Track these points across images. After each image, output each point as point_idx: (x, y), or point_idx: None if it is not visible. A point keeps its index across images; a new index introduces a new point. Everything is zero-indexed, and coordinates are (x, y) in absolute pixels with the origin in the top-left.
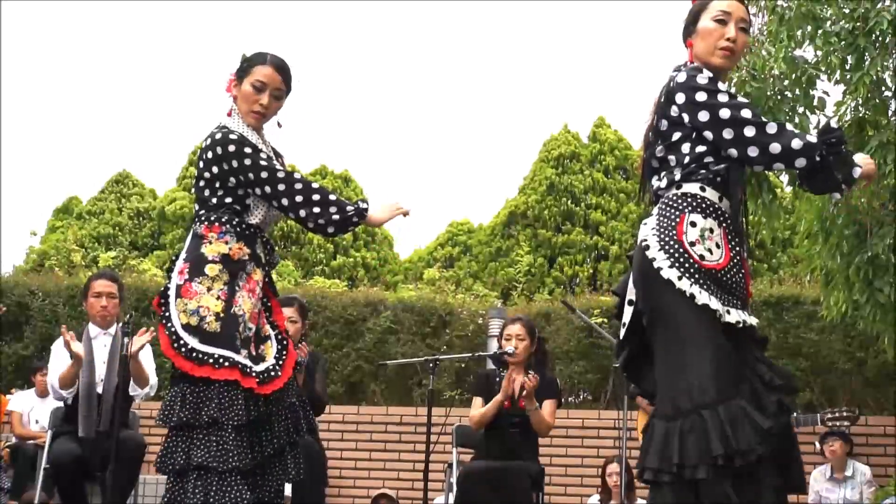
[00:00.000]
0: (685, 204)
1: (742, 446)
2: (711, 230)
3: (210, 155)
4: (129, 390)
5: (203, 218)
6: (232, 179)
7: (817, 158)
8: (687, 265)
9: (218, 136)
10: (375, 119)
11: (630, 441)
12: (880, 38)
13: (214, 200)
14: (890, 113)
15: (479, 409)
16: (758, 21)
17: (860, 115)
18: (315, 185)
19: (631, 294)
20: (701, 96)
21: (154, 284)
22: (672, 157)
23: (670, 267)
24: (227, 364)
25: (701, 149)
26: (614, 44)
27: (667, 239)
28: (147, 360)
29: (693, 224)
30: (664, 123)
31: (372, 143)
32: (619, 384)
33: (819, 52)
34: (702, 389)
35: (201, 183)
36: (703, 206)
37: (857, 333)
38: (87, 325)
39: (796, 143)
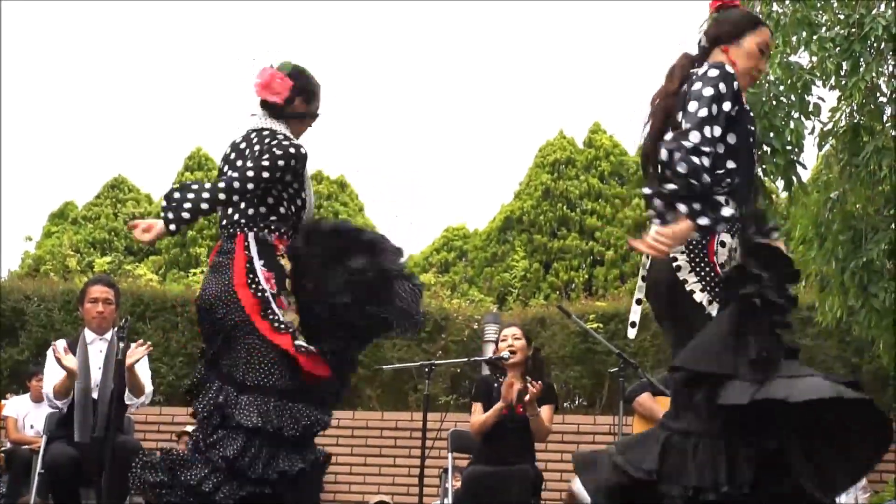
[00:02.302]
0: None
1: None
2: (735, 249)
3: (283, 164)
4: (125, 399)
5: (273, 227)
6: (291, 190)
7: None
8: (718, 289)
9: (292, 150)
10: (371, 124)
11: None
12: (875, 44)
13: (280, 209)
14: (885, 118)
15: (479, 415)
16: None
17: (855, 120)
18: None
19: (639, 293)
20: (707, 91)
21: (149, 289)
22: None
23: (702, 290)
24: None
25: (720, 149)
26: (610, 49)
27: (698, 261)
28: (143, 370)
29: (723, 244)
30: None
31: (367, 148)
32: (614, 389)
33: (814, 58)
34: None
35: (266, 185)
36: (731, 223)
37: (852, 339)
38: (83, 331)
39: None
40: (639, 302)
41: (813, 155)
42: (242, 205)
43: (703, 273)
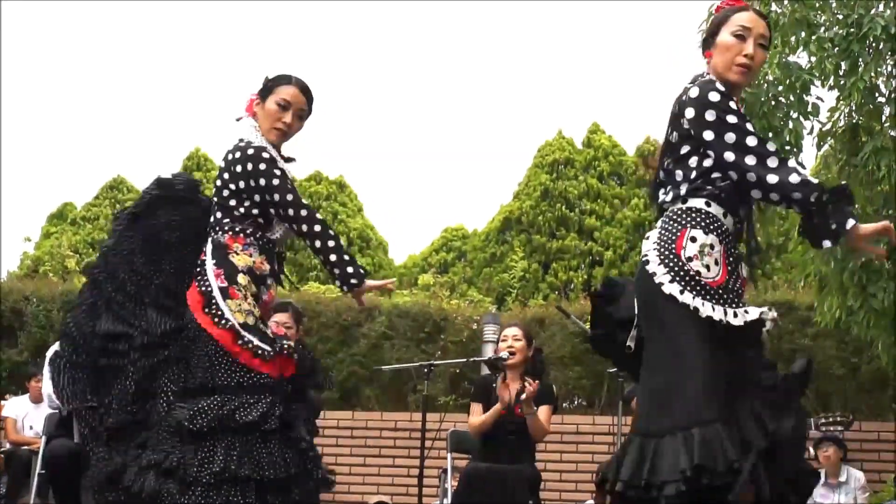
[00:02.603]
0: (688, 219)
1: (715, 466)
2: (712, 246)
3: (239, 168)
4: None
5: (227, 227)
6: (257, 196)
7: (812, 198)
8: (687, 278)
9: (250, 151)
10: (370, 124)
11: None
12: (874, 44)
13: (242, 210)
14: (884, 118)
15: (477, 415)
16: None
17: (854, 120)
18: (331, 231)
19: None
20: (710, 115)
21: None
22: (679, 172)
23: (671, 282)
24: (275, 355)
25: (708, 163)
26: (609, 50)
27: (666, 253)
28: None
29: (693, 239)
30: (675, 136)
31: (366, 148)
32: (613, 390)
33: (813, 58)
34: (688, 412)
35: (225, 192)
36: (707, 221)
37: (850, 339)
38: None
39: (794, 178)
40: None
41: (812, 155)
42: (215, 209)
43: (671, 264)
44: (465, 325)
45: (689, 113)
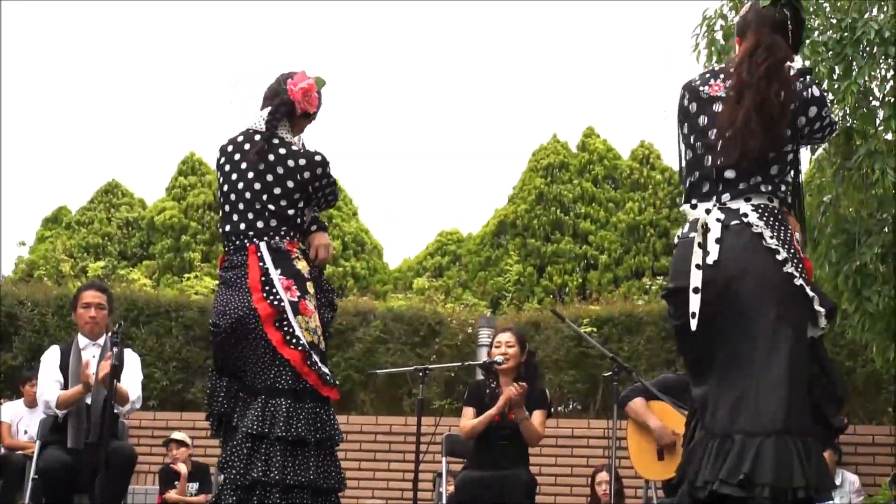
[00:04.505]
0: (789, 224)
1: (814, 483)
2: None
3: (308, 175)
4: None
5: (283, 233)
6: (312, 200)
7: None
8: (811, 286)
9: (318, 158)
10: (364, 128)
11: (619, 450)
12: (868, 48)
13: (299, 219)
14: (878, 122)
15: (470, 419)
16: None
17: (848, 124)
18: None
19: (696, 281)
20: (826, 112)
21: (143, 294)
22: (776, 167)
23: (811, 291)
24: (334, 384)
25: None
26: (603, 53)
27: (796, 260)
28: (132, 376)
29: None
30: (787, 132)
31: (361, 151)
32: (608, 393)
33: (807, 62)
34: (792, 414)
35: (284, 202)
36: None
37: (845, 342)
38: (76, 336)
39: None
40: (696, 291)
41: (806, 158)
42: (250, 215)
43: (800, 270)
44: (459, 329)
45: (812, 111)
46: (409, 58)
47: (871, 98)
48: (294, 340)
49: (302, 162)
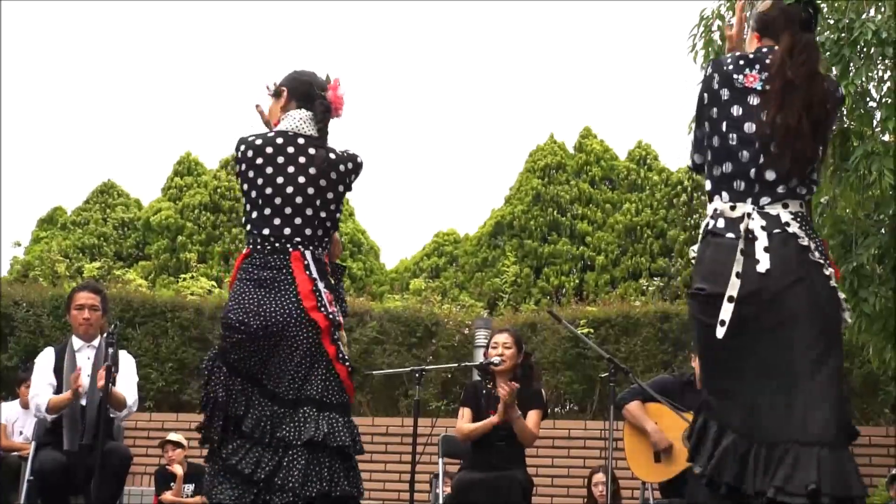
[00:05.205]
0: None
1: (862, 493)
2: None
3: (354, 178)
4: (109, 413)
5: (325, 244)
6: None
7: None
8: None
9: (360, 159)
10: (361, 128)
11: (616, 452)
12: (865, 49)
13: (331, 227)
14: (875, 123)
15: (466, 420)
16: (744, 32)
17: (845, 125)
18: None
19: (732, 290)
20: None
21: (139, 295)
22: (796, 177)
23: (844, 300)
24: None
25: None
26: (600, 54)
27: (829, 270)
28: (127, 379)
29: None
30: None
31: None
32: (605, 395)
33: None
34: (840, 425)
35: (332, 206)
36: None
37: (842, 343)
38: (70, 338)
39: None
40: (731, 300)
41: None
42: (298, 220)
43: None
44: (456, 330)
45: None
46: (406, 59)
47: (868, 99)
48: (342, 356)
49: (350, 166)
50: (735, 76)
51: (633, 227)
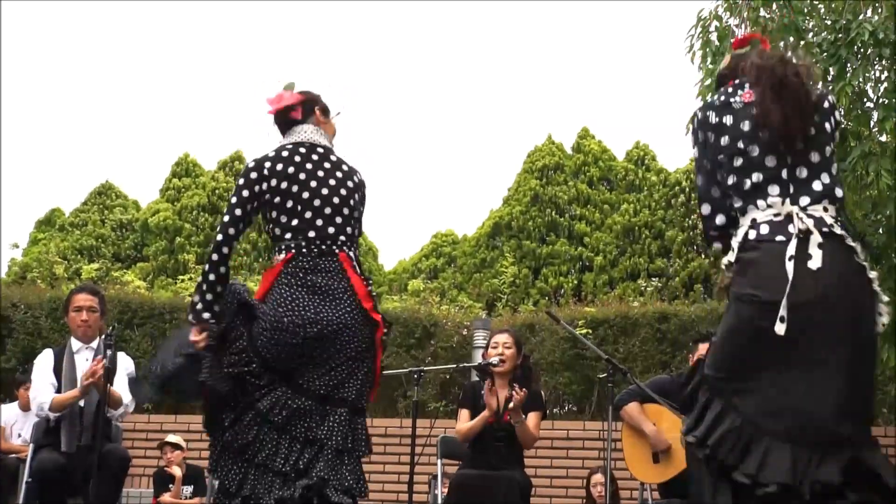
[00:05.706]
0: None
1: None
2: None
3: (363, 193)
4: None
5: (357, 246)
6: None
7: None
8: None
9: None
10: (359, 129)
11: (615, 452)
12: (862, 50)
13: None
14: (872, 123)
15: (465, 421)
16: (740, 33)
17: (842, 125)
18: None
19: (788, 296)
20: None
21: (137, 297)
22: (826, 174)
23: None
24: None
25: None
26: (598, 54)
27: (873, 273)
28: (124, 381)
29: None
30: (827, 135)
31: (356, 153)
32: (603, 395)
33: None
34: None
35: (358, 211)
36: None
37: None
38: (69, 339)
39: None
40: (786, 305)
41: None
42: (338, 220)
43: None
44: (455, 331)
45: (837, 116)
46: (404, 59)
47: (865, 100)
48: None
49: (363, 177)
50: (732, 100)
51: (631, 227)
